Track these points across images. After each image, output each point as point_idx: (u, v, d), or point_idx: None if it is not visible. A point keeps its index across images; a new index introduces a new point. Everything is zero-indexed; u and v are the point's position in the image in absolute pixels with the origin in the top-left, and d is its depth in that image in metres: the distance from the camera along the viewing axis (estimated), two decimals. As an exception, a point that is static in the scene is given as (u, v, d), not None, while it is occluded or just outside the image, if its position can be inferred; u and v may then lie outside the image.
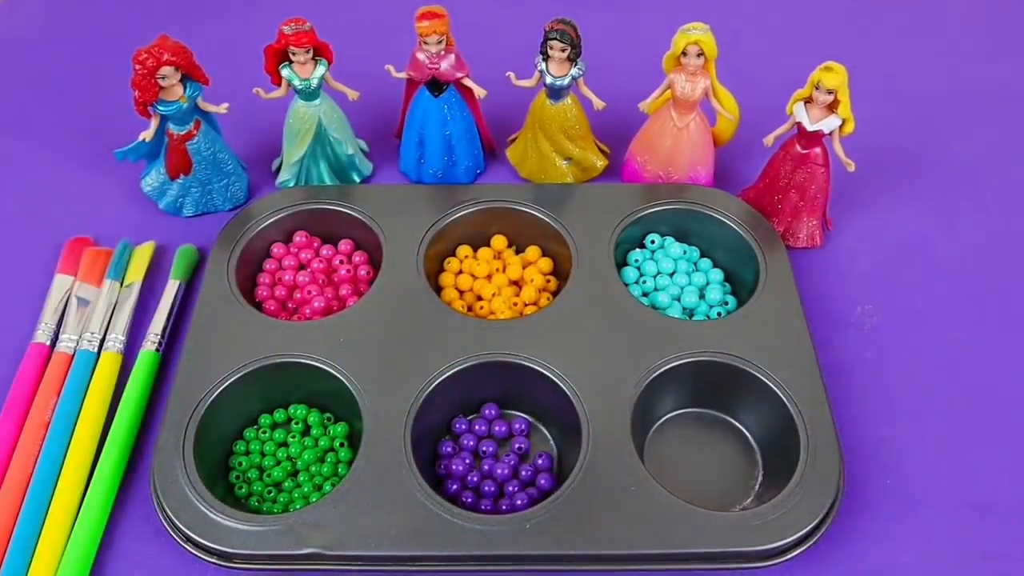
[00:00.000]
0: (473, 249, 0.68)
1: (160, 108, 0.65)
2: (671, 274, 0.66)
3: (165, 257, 0.69)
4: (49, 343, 0.62)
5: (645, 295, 0.65)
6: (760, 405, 0.58)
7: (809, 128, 0.63)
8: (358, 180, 0.74)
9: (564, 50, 0.64)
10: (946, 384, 0.62)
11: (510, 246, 0.69)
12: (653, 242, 0.68)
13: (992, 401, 0.61)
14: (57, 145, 0.78)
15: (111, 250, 0.68)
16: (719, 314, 0.64)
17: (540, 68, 0.66)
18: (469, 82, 0.68)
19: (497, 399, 0.60)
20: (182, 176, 0.69)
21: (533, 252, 0.68)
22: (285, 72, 0.66)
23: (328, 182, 0.72)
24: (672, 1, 0.87)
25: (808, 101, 0.63)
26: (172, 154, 0.67)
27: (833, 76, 0.60)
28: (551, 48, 0.64)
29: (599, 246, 0.65)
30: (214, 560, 0.51)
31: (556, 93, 0.68)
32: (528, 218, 0.67)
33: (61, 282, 0.65)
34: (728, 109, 0.67)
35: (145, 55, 0.61)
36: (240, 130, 0.75)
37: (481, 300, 0.65)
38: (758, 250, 0.65)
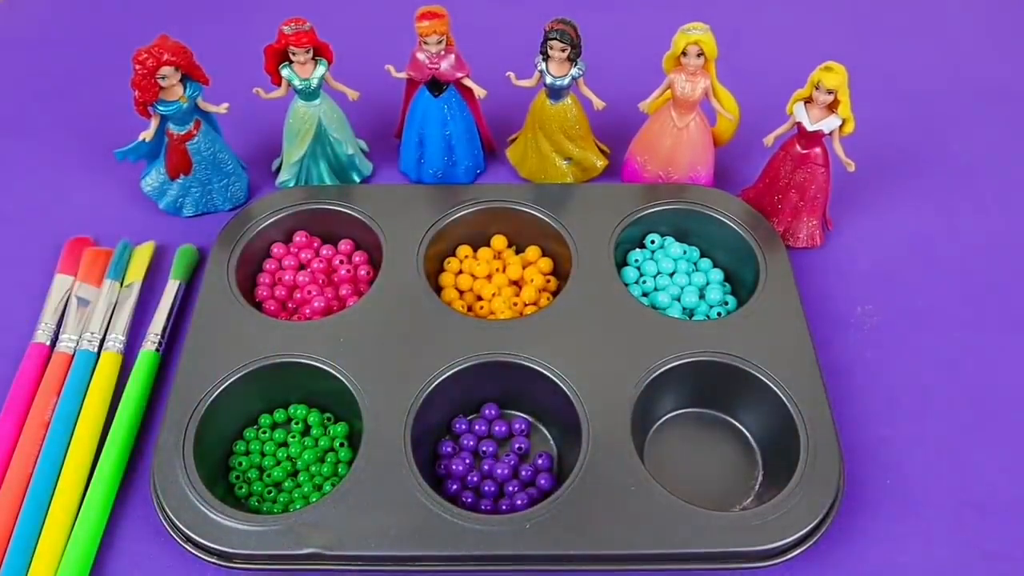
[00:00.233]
0: (473, 249, 0.68)
1: (160, 108, 0.65)
2: (671, 274, 0.66)
3: (165, 257, 0.69)
4: (49, 343, 0.62)
5: (645, 295, 0.65)
6: (760, 405, 0.58)
7: (809, 128, 0.63)
8: (358, 180, 0.74)
9: (564, 50, 0.64)
10: (946, 384, 0.62)
11: (510, 246, 0.69)
12: (653, 242, 0.68)
13: (992, 401, 0.61)
14: (57, 145, 0.78)
15: (111, 250, 0.68)
16: (719, 314, 0.64)
17: (540, 68, 0.66)
18: (469, 82, 0.68)
19: (497, 399, 0.60)
20: (182, 176, 0.69)
21: (533, 252, 0.68)
22: (285, 72, 0.66)
23: (328, 182, 0.72)
24: (672, 1, 0.87)
25: (808, 101, 0.63)
26: (172, 154, 0.67)
27: (833, 76, 0.60)
28: (551, 48, 0.64)
29: (599, 246, 0.65)
30: (214, 560, 0.51)
31: (556, 93, 0.68)
32: (528, 218, 0.67)
33: (61, 282, 0.65)
34: (728, 109, 0.67)
35: (145, 55, 0.61)
36: (240, 130, 0.75)
37: (481, 300, 0.65)
38: (758, 250, 0.65)
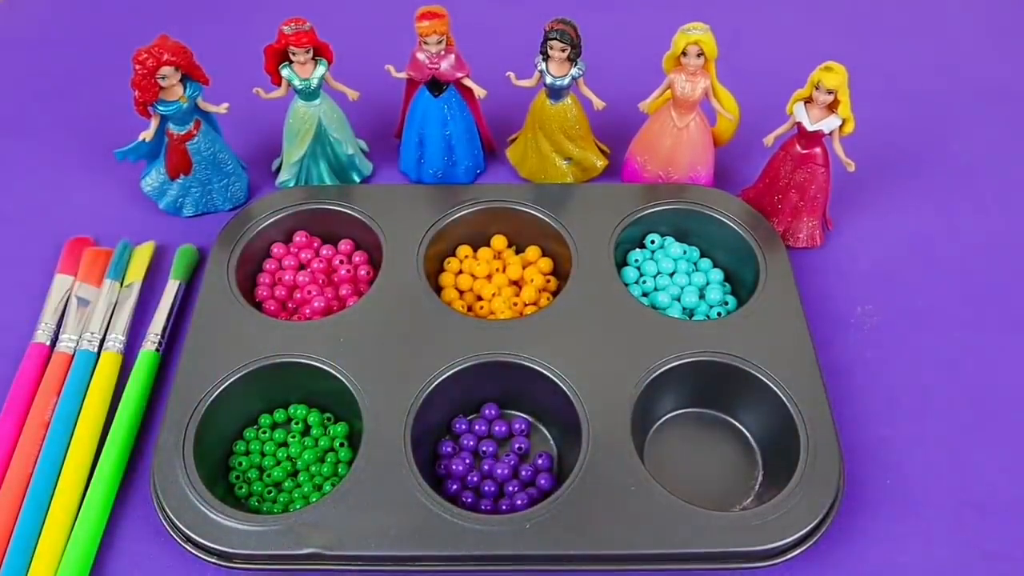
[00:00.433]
0: (473, 249, 0.68)
1: (160, 108, 0.65)
2: (671, 274, 0.66)
3: (165, 257, 0.69)
4: (49, 343, 0.62)
5: (645, 295, 0.65)
6: (760, 405, 0.58)
7: (809, 128, 0.63)
8: (358, 180, 0.74)
9: (564, 50, 0.64)
10: (946, 384, 0.62)
11: (510, 246, 0.69)
12: (653, 242, 0.68)
13: (992, 401, 0.61)
14: (57, 145, 0.78)
15: (111, 250, 0.68)
16: (719, 314, 0.64)
17: (540, 68, 0.66)
18: (469, 82, 0.68)
19: (497, 399, 0.60)
20: (182, 176, 0.69)
21: (533, 252, 0.68)
22: (285, 72, 0.66)
23: (328, 182, 0.72)
24: (672, 1, 0.87)
25: (808, 101, 0.63)
26: (172, 154, 0.67)
27: (833, 76, 0.60)
28: (551, 48, 0.64)
29: (599, 246, 0.65)
30: (214, 560, 0.51)
31: (556, 93, 0.68)
32: (528, 218, 0.67)
33: (61, 282, 0.65)
34: (728, 109, 0.67)
35: (145, 55, 0.61)
36: (240, 130, 0.75)
37: (481, 300, 0.65)
38: (758, 250, 0.65)
